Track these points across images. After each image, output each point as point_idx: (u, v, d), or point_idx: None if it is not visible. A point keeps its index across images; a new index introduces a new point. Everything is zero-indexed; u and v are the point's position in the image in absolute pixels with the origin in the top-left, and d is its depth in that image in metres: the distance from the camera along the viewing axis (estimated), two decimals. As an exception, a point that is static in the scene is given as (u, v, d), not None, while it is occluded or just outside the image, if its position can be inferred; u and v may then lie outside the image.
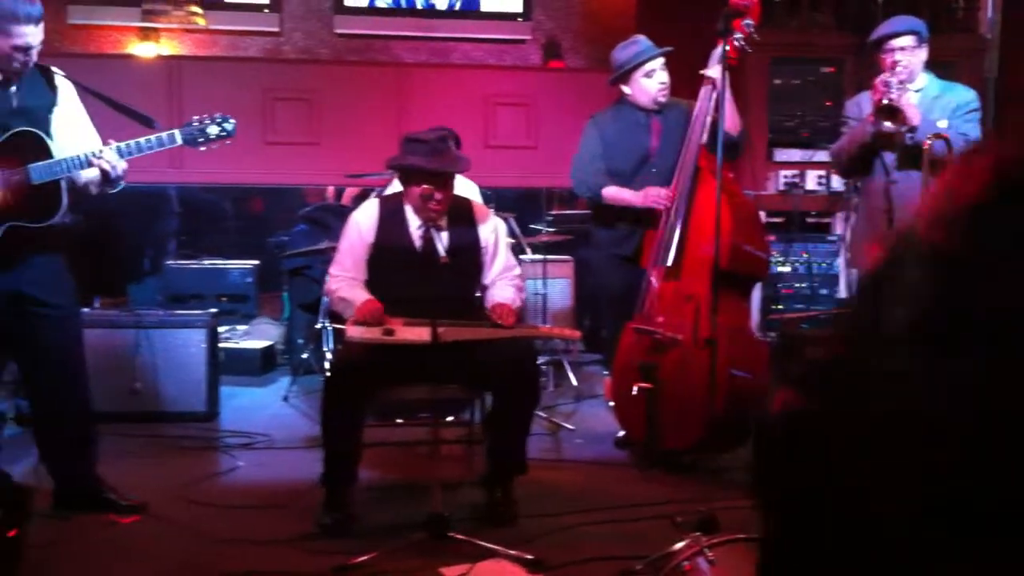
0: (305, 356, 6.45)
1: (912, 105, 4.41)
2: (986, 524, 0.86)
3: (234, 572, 3.45)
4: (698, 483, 4.35)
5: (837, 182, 6.61)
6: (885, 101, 4.37)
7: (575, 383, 6.21)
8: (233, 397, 6.05)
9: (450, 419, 4.43)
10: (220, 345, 5.94)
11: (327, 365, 5.54)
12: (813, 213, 6.68)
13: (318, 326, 5.98)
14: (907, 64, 4.48)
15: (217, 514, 4.06)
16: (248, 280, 7.33)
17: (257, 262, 7.43)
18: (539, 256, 6.52)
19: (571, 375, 6.28)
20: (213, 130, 3.92)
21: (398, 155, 4.04)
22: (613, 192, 4.82)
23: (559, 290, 6.85)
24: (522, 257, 6.02)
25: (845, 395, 0.98)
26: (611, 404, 4.95)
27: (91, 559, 3.60)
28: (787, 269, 6.53)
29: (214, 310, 5.87)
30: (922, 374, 0.89)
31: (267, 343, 6.84)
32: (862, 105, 4.66)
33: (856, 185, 6.37)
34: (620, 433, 4.94)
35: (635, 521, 3.89)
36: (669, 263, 4.57)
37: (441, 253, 3.84)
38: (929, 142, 4.33)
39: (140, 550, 3.67)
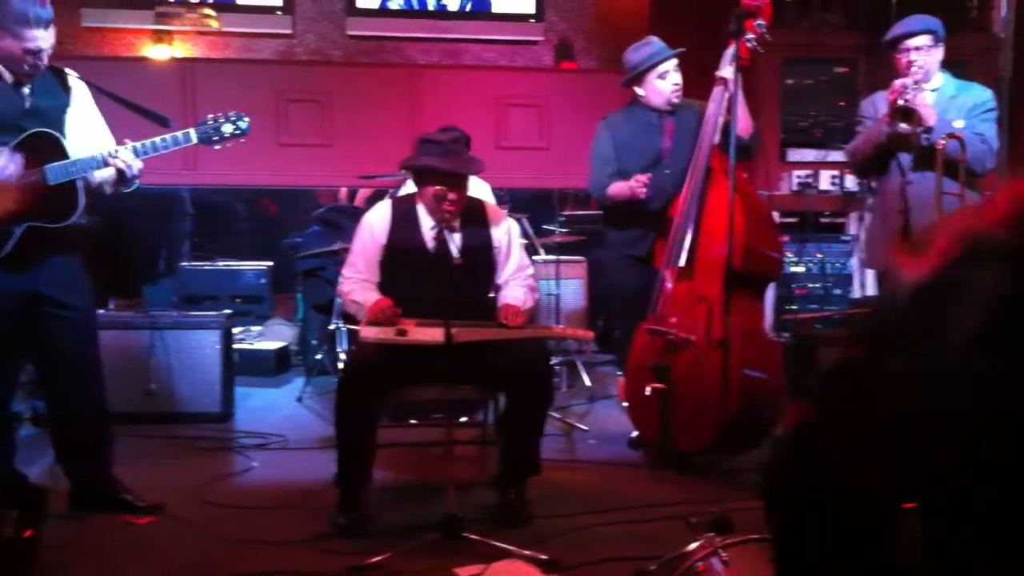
0: (319, 357, 6.47)
1: (928, 106, 4.39)
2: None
3: (249, 572, 3.46)
4: (712, 484, 4.35)
5: (851, 182, 6.60)
6: (900, 102, 4.35)
7: (588, 384, 6.22)
8: (247, 398, 6.07)
9: (464, 420, 4.44)
10: (234, 346, 5.96)
11: (341, 366, 5.55)
12: (827, 213, 6.67)
13: (332, 327, 6.00)
14: (923, 64, 4.45)
15: (232, 514, 4.07)
16: (262, 281, 7.36)
17: (271, 263, 7.46)
18: (552, 257, 6.53)
19: (584, 375, 6.28)
20: (228, 128, 3.93)
21: (412, 156, 4.04)
22: (616, 188, 4.82)
23: (572, 291, 6.85)
24: (535, 258, 6.03)
25: (859, 396, 0.98)
26: (624, 405, 4.95)
27: (107, 559, 3.61)
28: (801, 269, 6.52)
29: (228, 311, 5.89)
30: (994, 372, 0.88)
31: (281, 344, 6.87)
32: (877, 104, 4.64)
33: (870, 185, 6.35)
34: (634, 434, 4.95)
35: (649, 522, 3.89)
36: (682, 264, 4.57)
37: (454, 254, 3.85)
38: (943, 142, 4.31)
39: (156, 550, 3.69)
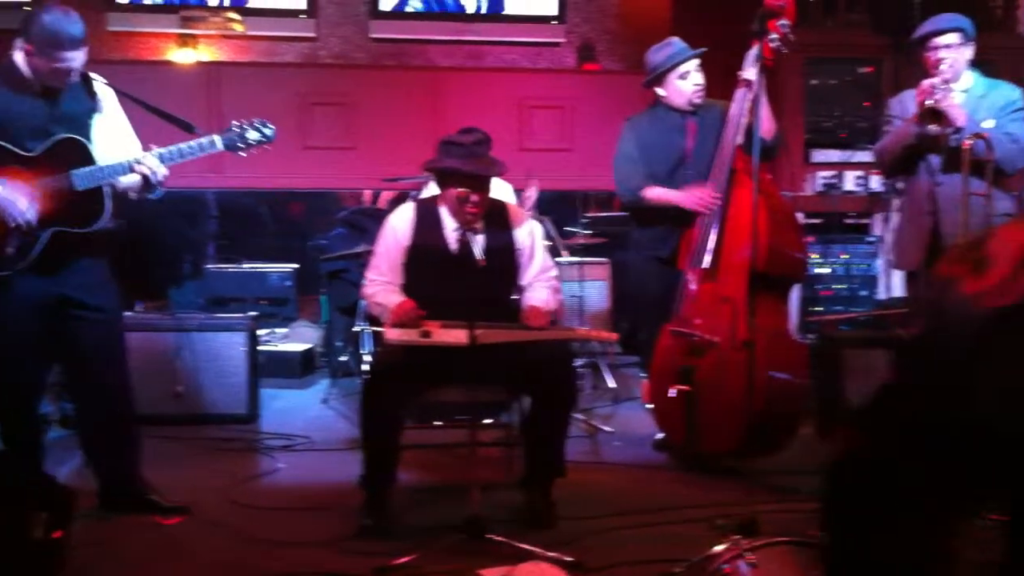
0: (344, 359, 6.50)
1: (957, 106, 4.34)
2: None
3: (275, 573, 3.49)
4: (738, 486, 4.33)
5: (876, 183, 6.57)
6: (929, 103, 4.32)
7: (612, 385, 6.21)
8: (273, 399, 6.10)
9: (488, 421, 4.44)
10: (260, 348, 6.00)
11: (366, 368, 5.57)
12: (852, 214, 6.64)
13: (356, 329, 6.02)
14: (952, 62, 4.42)
15: (259, 515, 4.09)
16: (287, 283, 7.40)
17: (296, 266, 7.49)
18: (576, 258, 6.53)
19: (608, 377, 6.28)
20: (253, 135, 3.96)
21: (434, 158, 4.06)
22: (656, 193, 4.80)
23: (596, 292, 6.85)
24: (558, 259, 6.03)
25: (917, 418, 0.99)
26: (649, 407, 4.94)
27: (135, 560, 3.63)
28: (826, 271, 6.50)
29: (254, 313, 5.94)
30: None
31: (306, 346, 6.90)
32: (905, 103, 4.60)
33: (896, 186, 6.32)
34: (659, 435, 4.94)
35: (674, 524, 3.89)
36: (706, 265, 4.56)
37: (477, 256, 3.85)
38: (969, 142, 4.28)
39: (183, 551, 3.71)
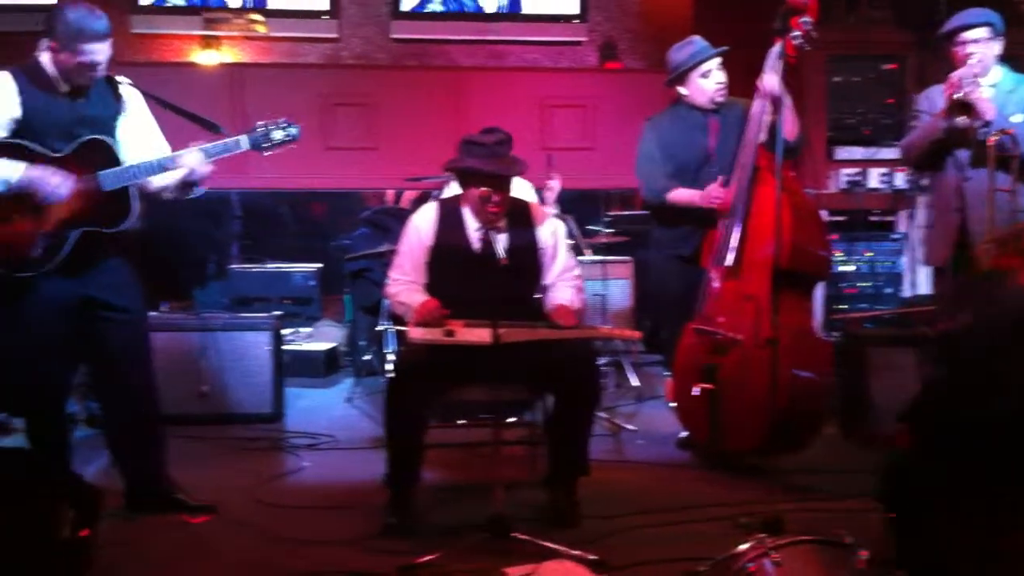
0: (368, 358, 6.52)
1: (986, 100, 4.32)
2: None
3: (301, 572, 3.50)
4: (761, 484, 4.33)
5: (901, 180, 6.53)
6: (957, 96, 4.30)
7: (636, 384, 6.20)
8: (298, 398, 6.13)
9: (512, 420, 4.44)
10: (284, 347, 6.02)
11: (389, 366, 5.59)
12: (876, 211, 6.61)
13: (380, 328, 6.04)
14: (981, 57, 4.39)
15: (284, 514, 4.11)
16: (311, 283, 7.43)
17: (320, 265, 7.52)
18: (598, 257, 6.52)
19: (632, 376, 6.27)
20: (278, 135, 3.98)
21: (456, 158, 4.07)
22: (677, 194, 4.80)
23: (619, 291, 6.84)
24: (581, 258, 6.03)
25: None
26: (672, 405, 4.93)
27: (161, 559, 3.65)
28: (850, 268, 6.47)
29: (278, 313, 5.97)
30: None
31: (330, 345, 6.92)
32: (933, 98, 4.57)
33: (920, 183, 6.29)
34: (682, 434, 4.93)
35: (698, 522, 3.88)
36: (729, 263, 4.55)
37: (500, 255, 3.86)
38: (995, 138, 4.25)
39: (209, 550, 3.73)
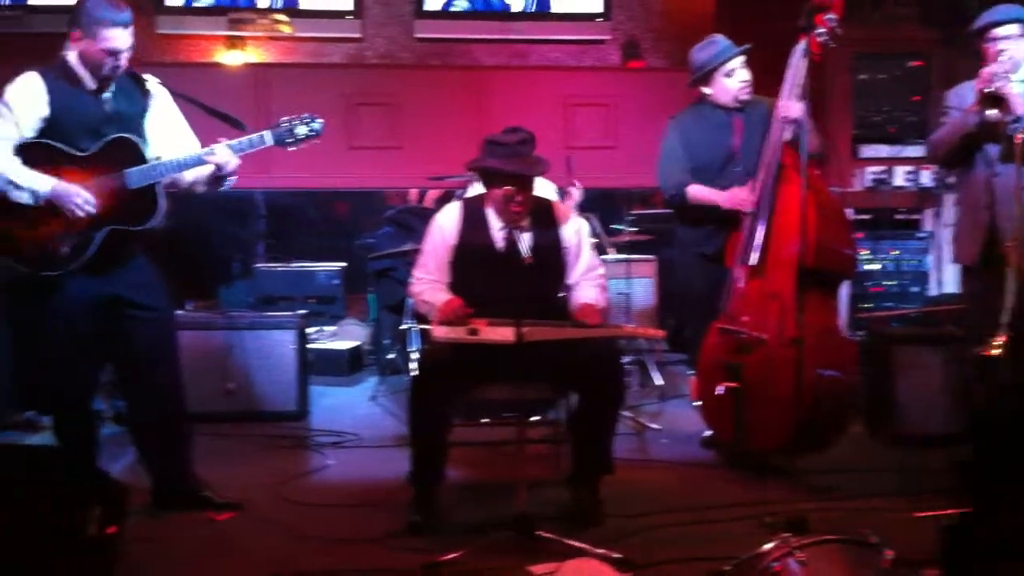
0: (392, 356, 6.54)
1: (1017, 95, 4.30)
2: None
3: (325, 569, 3.51)
4: (786, 484, 4.31)
5: (927, 178, 6.49)
6: (989, 90, 4.27)
7: (660, 383, 6.19)
8: (322, 397, 6.16)
9: (535, 419, 4.45)
10: (309, 346, 6.04)
11: (413, 365, 5.61)
12: (902, 210, 6.57)
13: (404, 327, 6.05)
14: (1011, 53, 4.36)
15: (309, 512, 4.14)
16: (335, 282, 7.46)
17: (344, 264, 7.56)
18: (622, 256, 6.52)
19: (655, 375, 6.26)
20: (302, 130, 4.00)
21: (479, 157, 4.07)
22: (697, 192, 4.79)
23: (642, 289, 6.83)
24: (604, 257, 6.02)
25: None
26: (696, 404, 4.92)
27: (187, 556, 3.68)
28: (876, 267, 6.44)
29: (303, 311, 5.99)
30: None
31: (354, 344, 6.95)
32: (963, 94, 4.54)
33: (946, 180, 6.25)
34: (706, 433, 4.92)
35: (723, 522, 3.88)
36: (754, 262, 4.53)
37: (524, 253, 3.87)
38: (1022, 136, 4.22)
39: (234, 547, 3.76)
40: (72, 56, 3.81)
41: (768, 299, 4.47)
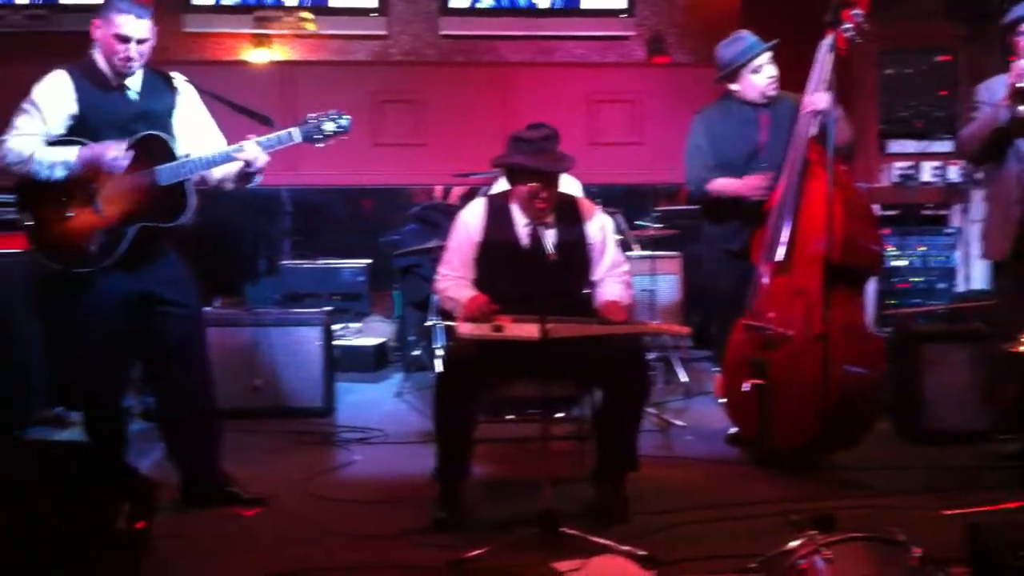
0: (417, 353, 6.56)
1: None
2: None
3: (351, 564, 3.53)
4: (813, 481, 4.30)
5: (954, 173, 6.45)
6: (1021, 84, 4.23)
7: (685, 379, 6.18)
8: (348, 393, 6.18)
9: (560, 415, 4.45)
10: (335, 342, 6.07)
11: (438, 362, 5.62)
12: (929, 205, 6.53)
13: (429, 323, 6.07)
14: None
15: (335, 507, 4.16)
16: (360, 279, 7.50)
17: (369, 261, 7.59)
18: (647, 252, 6.51)
19: (680, 371, 6.25)
20: (329, 127, 4.02)
21: (503, 154, 4.08)
22: (716, 184, 4.78)
23: (667, 286, 6.82)
24: (629, 253, 6.01)
25: None
26: (721, 401, 4.91)
27: (214, 551, 3.70)
28: (903, 263, 6.41)
29: (329, 308, 6.01)
30: None
31: (380, 340, 6.97)
32: (994, 89, 4.50)
33: (974, 176, 6.20)
34: (731, 430, 4.91)
35: (749, 519, 3.86)
36: (780, 258, 4.51)
37: (549, 250, 3.87)
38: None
39: (262, 542, 3.78)
40: (99, 56, 3.84)
41: (794, 295, 4.45)
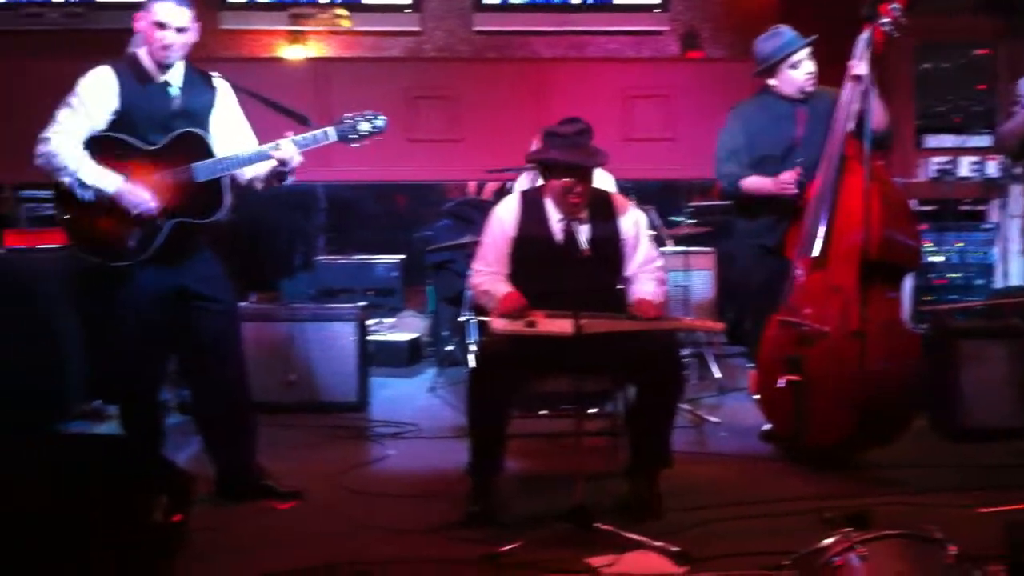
0: (450, 348, 6.57)
1: None
2: None
3: (385, 558, 3.53)
4: (848, 478, 4.27)
5: (993, 168, 6.38)
6: None
7: (718, 376, 6.16)
8: (382, 388, 6.21)
9: (593, 411, 4.45)
10: (369, 337, 6.10)
11: (472, 357, 5.63)
12: (967, 201, 6.46)
13: (462, 319, 6.08)
14: None
15: (369, 501, 4.18)
16: (394, 274, 7.54)
17: (403, 257, 7.62)
18: (680, 248, 6.49)
19: (714, 368, 6.23)
20: (365, 127, 4.04)
21: (538, 149, 4.08)
22: (749, 182, 4.75)
23: (701, 282, 6.80)
24: (663, 249, 6.00)
25: None
26: (755, 397, 4.89)
27: (250, 544, 3.72)
28: (940, 259, 6.35)
29: (363, 304, 6.05)
30: None
31: (413, 335, 7.00)
32: None
33: (1013, 171, 6.14)
34: (766, 427, 4.88)
35: (783, 516, 3.83)
36: (815, 253, 4.48)
37: (582, 245, 3.87)
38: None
39: (296, 535, 3.80)
40: (142, 51, 3.89)
41: (830, 291, 4.42)
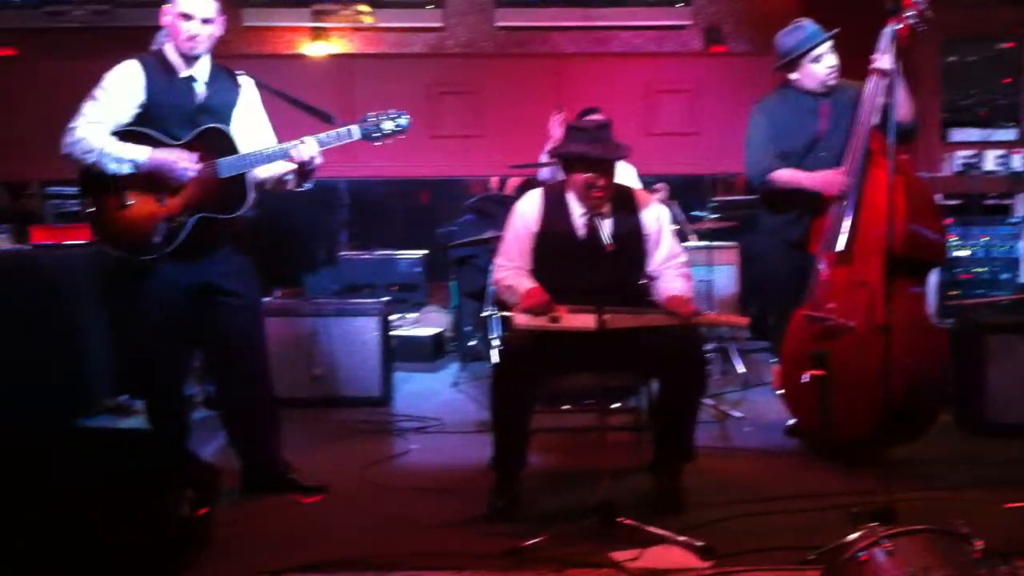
0: (473, 343, 6.59)
1: None
2: None
3: (409, 552, 3.54)
4: (872, 474, 4.24)
5: (1018, 162, 6.34)
6: None
7: (742, 370, 6.15)
8: (406, 382, 6.23)
9: (617, 406, 4.44)
10: (392, 332, 6.12)
11: (495, 352, 5.64)
12: (992, 195, 6.42)
13: (485, 314, 6.09)
14: None
15: (393, 495, 4.19)
16: (417, 270, 7.57)
17: (426, 252, 7.64)
18: (704, 243, 6.47)
19: (738, 362, 6.21)
20: (388, 125, 4.04)
21: (561, 143, 4.07)
22: (786, 176, 4.70)
23: (725, 276, 6.78)
24: (687, 244, 5.99)
25: None
26: (780, 392, 4.87)
27: (274, 537, 3.74)
28: (965, 253, 6.31)
29: (386, 299, 6.06)
30: None
31: (437, 330, 7.02)
32: None
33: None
34: (790, 421, 4.87)
35: (808, 511, 3.82)
36: (840, 248, 4.46)
37: (605, 240, 3.86)
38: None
39: (320, 530, 3.82)
40: (168, 46, 3.91)
41: (856, 286, 4.40)
